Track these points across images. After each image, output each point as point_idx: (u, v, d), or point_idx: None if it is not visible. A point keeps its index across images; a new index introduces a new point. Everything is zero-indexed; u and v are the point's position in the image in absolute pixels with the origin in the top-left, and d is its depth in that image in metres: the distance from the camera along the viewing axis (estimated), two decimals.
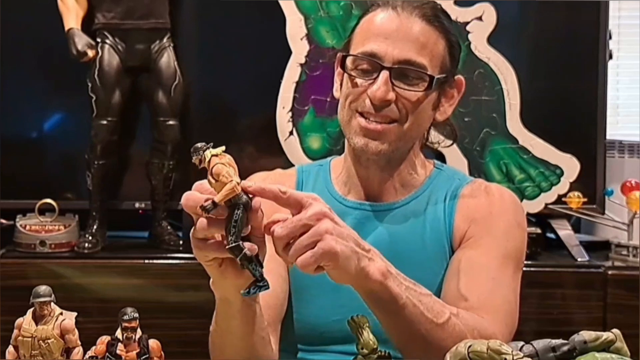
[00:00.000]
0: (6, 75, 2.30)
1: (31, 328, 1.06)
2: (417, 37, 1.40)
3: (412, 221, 1.46)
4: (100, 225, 2.25)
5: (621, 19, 2.63)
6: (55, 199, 2.24)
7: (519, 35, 2.37)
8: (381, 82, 1.39)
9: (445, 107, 1.48)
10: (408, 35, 1.40)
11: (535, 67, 2.34)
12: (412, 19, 1.41)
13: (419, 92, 1.40)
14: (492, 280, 1.37)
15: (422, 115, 1.44)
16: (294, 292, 1.45)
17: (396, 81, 1.39)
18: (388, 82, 1.39)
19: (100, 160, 2.20)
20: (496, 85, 2.25)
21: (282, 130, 2.26)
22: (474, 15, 2.24)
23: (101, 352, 1.05)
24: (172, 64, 2.22)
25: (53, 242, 2.21)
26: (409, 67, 1.40)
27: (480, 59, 2.24)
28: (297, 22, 2.24)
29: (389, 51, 1.39)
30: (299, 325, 1.45)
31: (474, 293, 1.35)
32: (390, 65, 1.39)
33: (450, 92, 1.48)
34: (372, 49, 1.40)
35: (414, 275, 1.27)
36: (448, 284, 1.39)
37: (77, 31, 2.18)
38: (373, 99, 1.39)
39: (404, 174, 1.48)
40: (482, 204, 1.46)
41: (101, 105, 2.20)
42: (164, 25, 2.23)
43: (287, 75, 2.25)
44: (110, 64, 2.20)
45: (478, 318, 1.29)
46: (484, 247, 1.41)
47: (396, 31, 1.40)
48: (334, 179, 1.52)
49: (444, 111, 1.49)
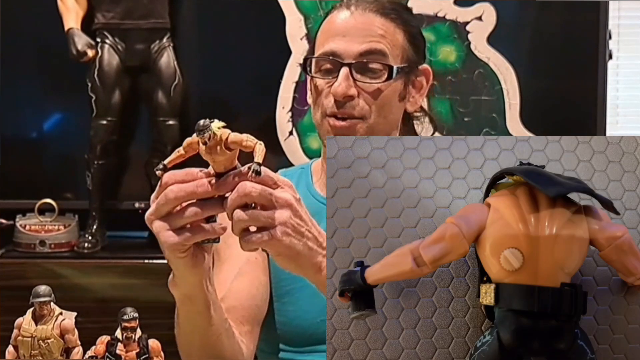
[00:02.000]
0: (6, 75, 2.30)
1: (31, 328, 1.06)
2: (375, 29, 1.43)
3: None
4: (100, 225, 2.26)
5: (621, 19, 2.63)
6: (55, 199, 2.24)
7: (519, 35, 2.37)
8: (341, 78, 1.40)
9: (415, 97, 1.50)
10: (365, 29, 1.43)
11: (535, 67, 2.34)
12: (367, 14, 1.44)
13: (380, 83, 1.42)
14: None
15: (388, 107, 1.44)
16: (278, 296, 1.45)
17: (357, 75, 1.41)
18: (349, 77, 1.41)
19: (100, 160, 2.20)
20: (496, 85, 2.25)
21: (282, 130, 2.26)
22: (474, 15, 2.24)
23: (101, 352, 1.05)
24: (171, 64, 2.23)
25: (53, 242, 2.21)
26: (371, 58, 1.41)
27: (480, 59, 2.24)
28: (297, 22, 2.25)
29: (347, 47, 1.41)
30: (285, 328, 1.45)
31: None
32: (350, 61, 1.41)
33: (419, 82, 1.50)
34: (332, 47, 1.42)
35: None
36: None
37: (76, 31, 2.18)
38: (335, 96, 1.41)
39: None
40: None
41: (101, 105, 2.20)
42: (164, 25, 2.24)
43: (287, 75, 2.25)
44: (110, 63, 2.20)
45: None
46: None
47: (353, 28, 1.43)
48: (315, 181, 1.53)
49: (415, 101, 1.50)
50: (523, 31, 2.38)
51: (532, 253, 0.99)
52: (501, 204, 1.03)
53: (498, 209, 1.02)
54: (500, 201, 1.03)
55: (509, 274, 1.00)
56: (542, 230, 1.00)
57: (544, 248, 0.99)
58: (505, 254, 1.00)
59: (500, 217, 1.01)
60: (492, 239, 1.01)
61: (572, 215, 1.01)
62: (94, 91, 2.20)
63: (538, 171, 1.05)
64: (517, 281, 1.00)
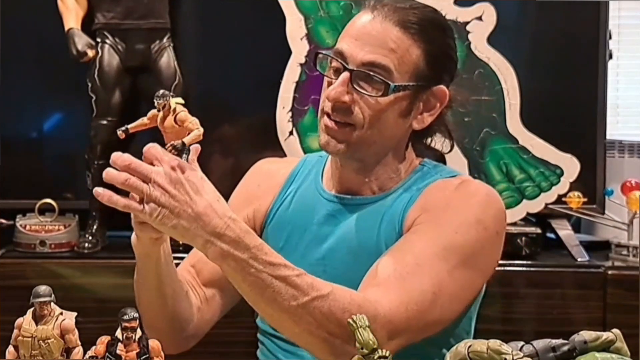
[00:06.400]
0: (6, 75, 2.30)
1: (31, 328, 1.06)
2: (386, 41, 1.39)
3: (373, 215, 1.45)
4: (100, 225, 2.26)
5: (621, 19, 2.63)
6: (55, 199, 2.24)
7: (519, 35, 2.37)
8: (338, 83, 1.39)
9: (424, 115, 1.46)
10: (377, 39, 1.39)
11: (535, 67, 2.34)
12: (385, 23, 1.40)
13: (374, 97, 1.39)
14: (415, 266, 1.31)
15: (384, 121, 1.42)
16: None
17: (357, 84, 1.39)
18: (346, 83, 1.39)
19: (100, 160, 2.20)
20: (496, 85, 2.25)
21: (282, 130, 2.26)
22: (474, 15, 2.24)
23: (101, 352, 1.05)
24: (172, 64, 2.22)
25: (53, 242, 2.21)
26: (372, 70, 1.39)
27: (480, 59, 2.24)
28: (297, 22, 2.24)
29: (354, 52, 1.39)
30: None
31: (386, 270, 1.31)
32: (353, 67, 1.39)
33: (431, 102, 1.46)
34: (342, 48, 1.41)
35: (370, 266, 1.33)
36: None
37: (77, 31, 2.18)
38: (328, 98, 1.40)
39: (383, 177, 1.47)
40: (443, 196, 1.42)
41: (101, 105, 2.20)
42: (164, 25, 2.24)
43: (287, 75, 2.25)
44: (110, 64, 2.20)
45: (359, 298, 1.26)
46: (425, 234, 1.36)
47: (367, 34, 1.40)
48: (325, 172, 1.54)
49: (422, 120, 1.46)
50: (523, 31, 2.38)
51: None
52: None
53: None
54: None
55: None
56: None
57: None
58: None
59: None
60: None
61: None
62: (94, 91, 2.20)
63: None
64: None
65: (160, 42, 2.23)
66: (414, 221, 1.39)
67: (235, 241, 1.20)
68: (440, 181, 1.46)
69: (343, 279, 1.29)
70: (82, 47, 2.17)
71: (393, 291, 1.28)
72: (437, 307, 1.32)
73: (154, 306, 1.38)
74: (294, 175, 1.56)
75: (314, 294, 1.22)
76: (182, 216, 1.19)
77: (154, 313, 1.38)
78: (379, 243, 1.42)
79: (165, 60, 2.22)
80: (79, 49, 2.17)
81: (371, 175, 1.47)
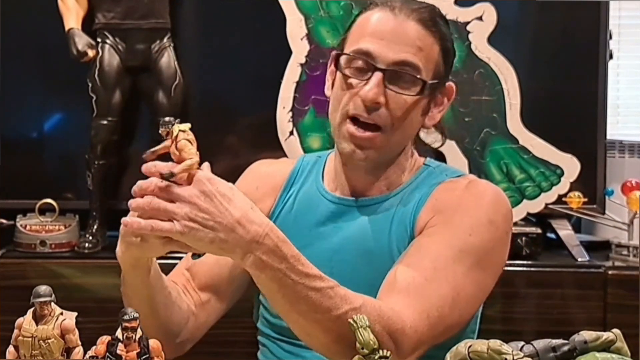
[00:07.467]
0: (6, 75, 2.30)
1: (31, 328, 1.06)
2: (414, 40, 1.39)
3: (382, 216, 1.45)
4: (100, 225, 2.26)
5: (621, 19, 2.63)
6: (55, 199, 2.23)
7: (519, 35, 2.37)
8: (374, 84, 1.38)
9: (434, 113, 1.47)
10: (404, 37, 1.39)
11: (536, 67, 2.34)
12: (409, 22, 1.40)
13: (410, 96, 1.39)
14: (433, 270, 1.31)
15: (411, 121, 1.42)
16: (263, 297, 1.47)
17: (389, 84, 1.38)
18: (381, 84, 1.38)
19: (101, 160, 2.20)
20: (496, 85, 2.25)
21: (282, 130, 2.26)
22: (474, 15, 2.24)
23: (101, 352, 1.05)
24: (172, 64, 2.22)
25: (53, 242, 2.21)
26: (404, 69, 1.38)
27: (481, 59, 2.24)
28: (297, 22, 2.24)
29: (383, 52, 1.38)
30: (271, 321, 1.48)
31: (405, 278, 1.30)
32: (384, 67, 1.38)
33: (441, 99, 1.47)
34: (368, 47, 1.39)
35: (380, 268, 1.32)
36: (392, 267, 1.36)
37: (77, 31, 2.18)
38: (365, 100, 1.38)
39: (392, 177, 1.48)
40: (454, 197, 1.42)
41: (101, 105, 2.20)
42: (164, 25, 2.23)
43: (287, 75, 2.25)
44: (111, 64, 2.20)
45: (387, 309, 1.25)
46: (440, 236, 1.36)
47: (392, 33, 1.39)
48: (326, 173, 1.53)
49: (433, 117, 1.47)
50: (523, 31, 2.38)
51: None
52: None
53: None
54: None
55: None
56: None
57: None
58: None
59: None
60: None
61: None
62: (94, 91, 2.19)
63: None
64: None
65: (161, 42, 2.23)
66: (426, 223, 1.40)
67: (273, 250, 1.18)
68: (449, 182, 1.46)
69: (349, 281, 1.28)
70: (82, 47, 2.17)
71: (414, 299, 1.28)
72: (456, 310, 1.32)
73: (145, 315, 1.34)
74: (293, 176, 1.56)
75: (346, 307, 1.21)
76: (218, 228, 1.16)
77: (145, 322, 1.35)
78: (391, 245, 1.42)
79: (165, 60, 2.22)
80: (80, 49, 2.16)
81: (382, 175, 1.46)
